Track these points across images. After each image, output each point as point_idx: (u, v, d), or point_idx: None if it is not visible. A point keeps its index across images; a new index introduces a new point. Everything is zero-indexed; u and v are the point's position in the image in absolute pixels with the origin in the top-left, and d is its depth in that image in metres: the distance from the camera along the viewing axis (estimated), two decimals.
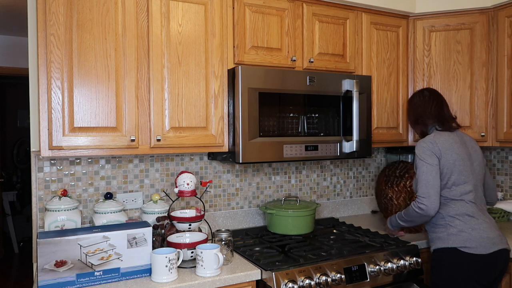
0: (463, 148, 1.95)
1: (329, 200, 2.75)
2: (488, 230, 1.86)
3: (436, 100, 2.08)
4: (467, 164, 1.92)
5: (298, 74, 2.08)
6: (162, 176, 2.23)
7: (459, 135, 2.01)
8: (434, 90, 2.14)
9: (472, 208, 1.88)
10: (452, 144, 1.93)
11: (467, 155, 1.95)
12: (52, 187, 1.97)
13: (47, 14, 1.65)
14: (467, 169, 1.92)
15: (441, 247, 1.88)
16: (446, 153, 1.90)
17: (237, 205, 2.43)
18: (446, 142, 1.92)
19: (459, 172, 1.90)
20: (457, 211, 1.88)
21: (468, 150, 1.97)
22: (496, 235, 1.87)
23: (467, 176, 1.91)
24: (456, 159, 1.90)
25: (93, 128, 1.74)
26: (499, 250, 1.84)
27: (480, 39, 2.42)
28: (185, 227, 1.87)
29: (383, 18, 2.46)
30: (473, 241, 1.82)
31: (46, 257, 1.52)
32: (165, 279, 1.61)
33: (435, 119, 2.04)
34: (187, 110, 1.92)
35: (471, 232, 1.84)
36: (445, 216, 1.90)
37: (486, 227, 1.86)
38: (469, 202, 1.89)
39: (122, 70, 1.79)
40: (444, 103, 2.08)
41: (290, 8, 2.16)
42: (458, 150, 1.93)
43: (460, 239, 1.84)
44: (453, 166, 1.90)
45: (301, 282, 1.71)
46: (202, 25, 1.95)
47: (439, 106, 2.06)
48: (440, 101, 2.08)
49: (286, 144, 2.04)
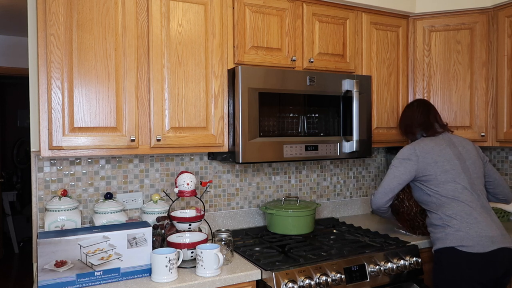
0: (450, 148, 2.00)
1: (329, 200, 2.75)
2: (487, 228, 1.85)
3: (422, 108, 2.17)
4: (454, 164, 1.96)
5: (298, 74, 2.08)
6: (162, 176, 2.23)
7: (446, 137, 2.07)
8: (422, 100, 2.22)
9: (468, 207, 1.89)
10: (433, 148, 2.00)
11: (456, 155, 1.99)
12: (52, 187, 1.97)
13: (47, 14, 1.65)
14: (456, 168, 1.95)
15: (440, 247, 1.89)
16: (425, 157, 1.98)
17: (237, 205, 2.43)
18: (426, 146, 2.01)
19: (444, 171, 1.94)
20: (453, 210, 1.89)
21: (457, 150, 2.01)
22: (498, 233, 1.86)
23: (456, 174, 1.93)
24: (437, 160, 1.96)
25: (93, 128, 1.74)
26: (499, 249, 1.82)
27: (480, 39, 2.42)
28: (185, 227, 1.87)
29: (383, 18, 2.46)
30: (470, 240, 1.82)
31: (46, 257, 1.52)
32: (165, 279, 1.61)
33: (421, 126, 2.13)
34: (187, 110, 1.92)
35: (468, 230, 1.84)
36: (442, 216, 1.91)
37: (485, 225, 1.85)
38: (464, 201, 1.90)
39: (122, 70, 1.79)
40: (431, 111, 2.16)
41: (290, 8, 2.16)
42: (442, 152, 1.99)
43: (457, 238, 1.84)
44: (435, 167, 1.95)
45: (301, 282, 1.71)
46: (202, 25, 1.95)
47: (425, 113, 2.14)
48: (426, 109, 2.16)
49: (286, 144, 2.04)
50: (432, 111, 2.16)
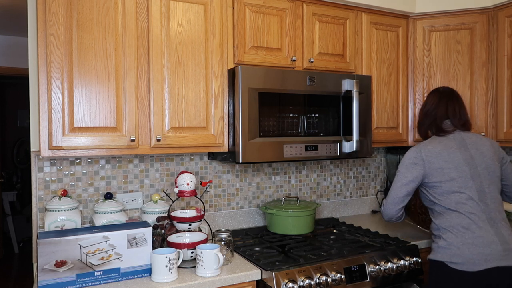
0: (460, 152, 1.81)
1: (329, 200, 2.75)
2: (484, 245, 1.68)
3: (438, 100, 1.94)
4: (463, 170, 1.77)
5: (298, 74, 2.08)
6: (162, 176, 2.23)
7: (458, 138, 1.86)
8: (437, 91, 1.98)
9: (468, 220, 1.72)
10: (440, 152, 1.81)
11: (465, 160, 1.79)
12: (52, 187, 1.97)
13: (47, 14, 1.65)
14: (463, 176, 1.76)
15: (432, 258, 1.80)
16: (431, 161, 1.80)
17: (237, 205, 2.43)
18: (433, 150, 1.82)
19: (449, 179, 1.77)
20: (450, 222, 1.75)
21: (469, 153, 1.80)
22: (497, 250, 1.67)
23: (462, 183, 1.76)
24: (443, 166, 1.78)
25: (93, 128, 1.74)
26: (493, 268, 1.65)
27: (480, 39, 2.42)
28: (185, 227, 1.87)
29: (383, 18, 2.46)
30: (460, 256, 1.68)
31: (46, 257, 1.52)
32: (165, 279, 1.61)
33: (433, 124, 1.94)
34: (187, 110, 1.92)
35: (461, 246, 1.70)
36: (439, 227, 1.79)
37: (482, 241, 1.68)
38: (466, 213, 1.73)
39: (122, 70, 1.79)
40: (441, 102, 1.92)
41: (290, 8, 2.16)
42: (450, 156, 1.79)
43: (448, 253, 1.72)
44: (441, 174, 1.78)
45: (301, 282, 1.71)
46: (202, 25, 1.95)
47: (437, 108, 1.92)
48: (440, 102, 1.93)
49: (286, 144, 2.04)
50: (443, 102, 1.91)
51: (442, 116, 1.92)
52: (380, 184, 2.95)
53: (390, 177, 2.89)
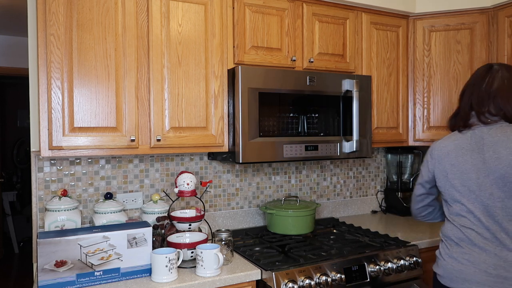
0: (471, 155, 1.51)
1: (329, 200, 2.75)
2: (468, 264, 1.48)
3: (471, 84, 1.60)
4: (468, 178, 1.50)
5: (298, 74, 2.08)
6: (162, 176, 2.23)
7: (477, 136, 1.53)
8: (501, 66, 1.57)
9: (461, 235, 1.52)
10: (449, 153, 1.57)
11: (475, 166, 1.49)
12: (52, 187, 1.97)
13: (47, 14, 1.65)
14: (467, 185, 1.51)
15: (433, 265, 1.69)
16: (440, 162, 1.60)
17: (237, 205, 2.43)
18: (444, 149, 1.59)
19: (451, 186, 1.55)
20: (446, 232, 1.61)
21: (482, 157, 1.48)
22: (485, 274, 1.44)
23: (465, 193, 1.51)
24: (449, 170, 1.55)
25: (93, 128, 1.74)
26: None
27: (480, 39, 2.42)
28: (185, 227, 1.87)
29: (383, 18, 2.46)
30: (443, 269, 1.57)
31: (46, 257, 1.52)
32: (165, 279, 1.61)
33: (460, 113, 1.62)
34: (187, 110, 1.92)
35: (447, 259, 1.56)
36: (441, 234, 1.67)
37: (468, 260, 1.49)
38: (460, 226, 1.53)
39: (122, 70, 1.79)
40: (476, 86, 1.57)
41: (290, 8, 2.16)
42: (457, 159, 1.54)
43: (436, 263, 1.63)
44: (444, 179, 1.57)
45: (301, 282, 1.71)
46: (202, 25, 1.95)
47: (469, 93, 1.59)
48: (471, 86, 1.59)
49: (286, 144, 2.05)
50: (477, 86, 1.56)
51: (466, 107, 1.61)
52: (380, 184, 2.95)
53: (390, 177, 2.89)
